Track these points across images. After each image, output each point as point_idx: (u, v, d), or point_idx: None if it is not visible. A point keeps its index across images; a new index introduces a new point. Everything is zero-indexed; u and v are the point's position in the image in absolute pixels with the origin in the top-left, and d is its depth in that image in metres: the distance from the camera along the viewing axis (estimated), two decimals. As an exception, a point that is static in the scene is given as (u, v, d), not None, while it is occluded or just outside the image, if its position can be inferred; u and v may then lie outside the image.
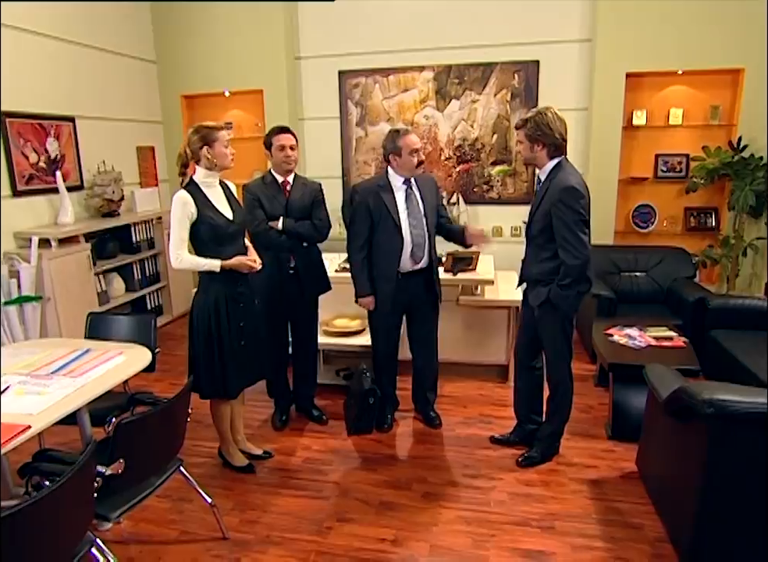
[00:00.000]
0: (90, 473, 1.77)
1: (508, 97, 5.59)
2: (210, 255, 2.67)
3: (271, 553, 2.40)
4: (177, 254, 2.62)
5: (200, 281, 2.77)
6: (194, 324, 2.76)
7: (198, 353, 2.76)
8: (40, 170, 4.48)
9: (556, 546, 2.39)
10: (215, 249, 2.67)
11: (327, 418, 3.55)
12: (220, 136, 2.64)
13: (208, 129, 2.64)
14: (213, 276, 2.68)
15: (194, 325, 2.76)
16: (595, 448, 3.16)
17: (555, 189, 2.64)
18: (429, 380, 3.52)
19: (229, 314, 2.73)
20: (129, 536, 2.54)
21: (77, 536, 1.78)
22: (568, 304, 2.71)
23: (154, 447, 2.11)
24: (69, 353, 2.66)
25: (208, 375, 2.75)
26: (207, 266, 2.65)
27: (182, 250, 2.62)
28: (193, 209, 2.60)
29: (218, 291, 2.71)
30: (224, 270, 2.66)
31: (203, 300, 2.73)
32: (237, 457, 3.04)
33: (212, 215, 2.66)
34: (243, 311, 2.79)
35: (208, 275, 2.70)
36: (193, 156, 2.67)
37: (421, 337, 3.42)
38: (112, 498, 2.06)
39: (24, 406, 2.15)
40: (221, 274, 2.67)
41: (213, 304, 2.70)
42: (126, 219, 5.04)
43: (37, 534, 1.55)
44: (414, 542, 2.44)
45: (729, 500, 2.05)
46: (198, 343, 2.75)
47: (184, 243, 2.62)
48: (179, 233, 2.61)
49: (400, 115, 5.88)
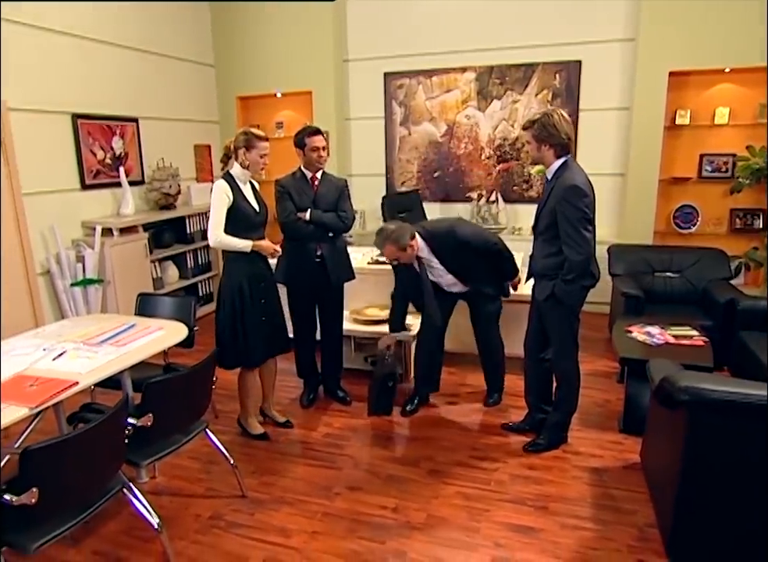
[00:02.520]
0: (121, 421, 2.08)
1: (549, 97, 5.66)
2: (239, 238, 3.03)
3: (282, 511, 2.66)
4: (216, 234, 2.98)
5: (225, 264, 3.13)
6: (221, 302, 3.12)
7: (224, 327, 3.11)
8: (106, 166, 4.95)
9: (546, 524, 2.53)
10: (243, 234, 3.03)
11: (351, 400, 3.78)
12: (259, 146, 3.02)
13: (252, 136, 3.02)
14: (237, 259, 3.03)
15: (221, 302, 3.12)
16: (603, 439, 3.25)
17: (560, 187, 2.76)
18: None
19: (252, 292, 3.08)
20: (162, 489, 2.86)
21: (109, 474, 2.10)
22: (572, 298, 2.83)
23: (179, 407, 2.41)
24: (116, 327, 3.02)
25: (232, 347, 3.10)
26: (241, 246, 3.01)
27: (219, 230, 2.98)
28: (230, 196, 2.98)
29: (242, 273, 3.05)
30: (248, 253, 3.00)
31: (228, 280, 3.08)
32: (254, 426, 3.38)
33: (244, 204, 3.05)
34: (264, 289, 3.14)
35: (233, 259, 3.04)
36: (234, 152, 3.03)
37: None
38: (142, 449, 2.37)
39: (75, 367, 2.50)
40: (244, 257, 3.02)
41: (237, 283, 3.05)
42: (181, 212, 5.46)
43: (74, 463, 1.86)
44: (413, 512, 2.64)
45: (706, 485, 2.14)
46: (224, 318, 3.10)
47: (221, 225, 2.98)
48: (218, 216, 2.98)
49: (442, 115, 6.05)
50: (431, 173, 6.26)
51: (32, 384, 2.32)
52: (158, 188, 5.28)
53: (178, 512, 2.68)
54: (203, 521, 2.62)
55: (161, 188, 5.27)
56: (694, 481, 2.15)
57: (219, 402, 3.73)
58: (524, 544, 2.41)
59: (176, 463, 3.08)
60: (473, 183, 6.11)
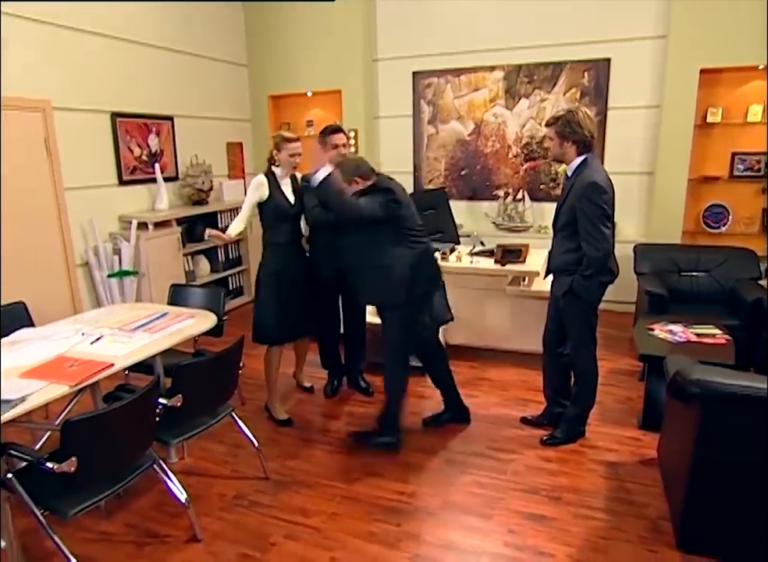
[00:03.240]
0: (152, 400, 2.22)
1: (577, 95, 5.66)
2: (271, 228, 3.39)
3: (303, 493, 2.78)
4: (234, 225, 3.31)
5: (263, 251, 3.47)
6: (259, 284, 3.45)
7: (260, 306, 3.43)
8: (142, 162, 5.15)
9: (558, 514, 2.58)
10: (276, 223, 3.36)
11: (373, 391, 3.88)
12: (288, 147, 3.33)
13: (281, 139, 3.36)
14: (274, 250, 3.41)
15: (259, 285, 3.45)
16: (621, 435, 3.27)
17: (579, 184, 2.81)
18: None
19: (285, 279, 3.37)
20: (190, 470, 3.01)
21: (141, 449, 2.24)
22: (590, 294, 2.87)
23: (207, 389, 2.54)
24: (150, 315, 3.18)
25: (267, 324, 3.40)
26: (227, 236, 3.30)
27: (238, 223, 3.32)
28: (265, 190, 3.31)
29: (278, 261, 3.40)
30: (281, 242, 3.39)
31: (265, 266, 3.44)
32: (279, 412, 3.56)
33: (279, 197, 3.35)
34: (294, 278, 3.39)
35: (270, 246, 3.44)
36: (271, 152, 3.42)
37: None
38: (172, 428, 2.51)
39: (111, 350, 2.65)
40: (279, 245, 3.40)
41: (273, 269, 3.39)
42: (213, 207, 5.64)
43: (109, 436, 2.01)
44: (429, 497, 2.72)
45: (717, 477, 2.17)
46: (261, 298, 3.43)
47: (241, 219, 3.34)
48: (245, 210, 3.34)
49: (470, 114, 6.10)
50: (458, 171, 6.32)
51: (72, 365, 2.48)
52: (191, 184, 5.46)
53: (204, 491, 2.82)
54: (227, 499, 2.75)
55: (194, 184, 5.46)
56: (705, 473, 2.19)
57: (246, 390, 3.87)
58: (536, 531, 2.47)
59: (203, 446, 3.23)
60: (500, 181, 6.14)
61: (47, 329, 3.04)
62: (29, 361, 2.55)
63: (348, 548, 2.39)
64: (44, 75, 4.25)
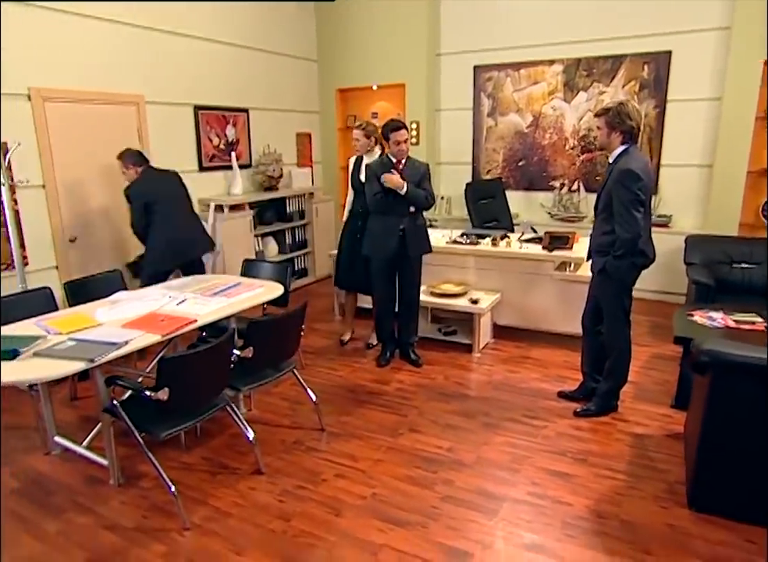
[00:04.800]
0: (228, 348, 2.64)
1: (636, 88, 5.73)
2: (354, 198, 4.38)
3: (353, 443, 3.15)
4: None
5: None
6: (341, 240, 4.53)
7: (339, 258, 4.52)
8: (220, 151, 5.67)
9: (581, 472, 2.83)
10: (355, 195, 4.33)
11: (422, 363, 4.21)
12: (352, 134, 4.19)
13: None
14: (350, 215, 4.45)
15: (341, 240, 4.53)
16: (653, 412, 3.46)
17: (617, 171, 3.02)
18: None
19: (353, 241, 4.28)
20: (256, 419, 3.43)
21: (218, 388, 2.67)
22: (620, 273, 3.08)
23: (274, 344, 2.96)
24: (225, 284, 3.64)
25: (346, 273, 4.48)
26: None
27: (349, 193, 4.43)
28: (351, 167, 4.32)
29: (352, 226, 4.37)
30: (352, 213, 4.39)
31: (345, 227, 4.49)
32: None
33: (357, 174, 4.22)
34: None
35: (349, 215, 4.47)
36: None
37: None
38: (243, 377, 2.93)
39: (194, 310, 3.11)
40: (350, 217, 4.44)
41: (355, 230, 4.33)
42: (283, 193, 6.11)
43: (194, 373, 2.44)
44: (464, 453, 3.03)
45: (725, 440, 2.36)
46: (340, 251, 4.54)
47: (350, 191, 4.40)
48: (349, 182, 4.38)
49: (529, 106, 6.28)
50: (515, 162, 6.51)
51: (162, 320, 2.95)
52: (263, 171, 5.94)
53: (267, 436, 3.23)
54: (287, 444, 3.16)
55: (266, 171, 5.93)
56: (714, 436, 2.39)
57: (305, 358, 4.29)
58: (558, 485, 2.73)
59: (268, 401, 3.66)
60: (556, 173, 6.29)
61: (139, 292, 3.54)
62: (127, 316, 3.04)
63: (388, 486, 2.74)
64: (138, 73, 4.80)
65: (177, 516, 2.53)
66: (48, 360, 2.45)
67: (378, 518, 2.52)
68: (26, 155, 4.06)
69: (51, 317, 3.06)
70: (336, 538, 2.40)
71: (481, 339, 4.47)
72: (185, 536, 2.43)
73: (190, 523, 2.50)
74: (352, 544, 2.36)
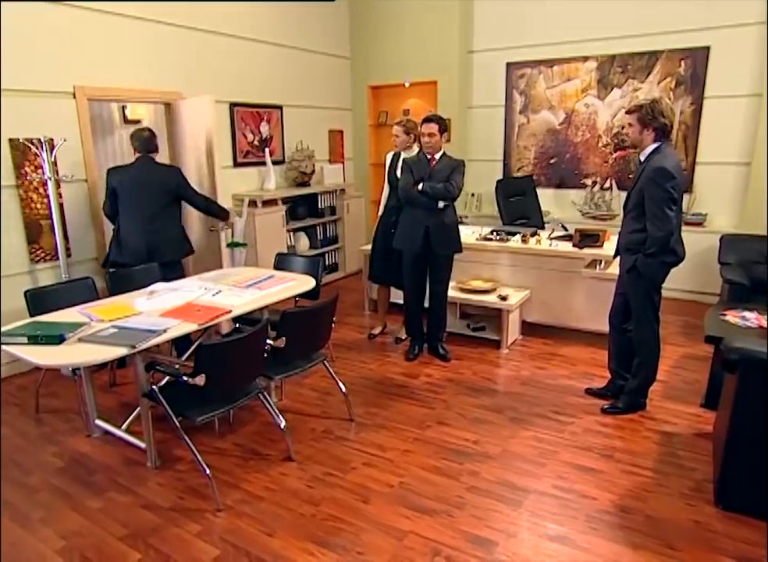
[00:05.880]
0: (262, 337, 2.72)
1: (672, 84, 5.66)
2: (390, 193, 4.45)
3: (382, 434, 3.21)
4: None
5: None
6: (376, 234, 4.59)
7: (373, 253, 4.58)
8: (254, 147, 5.79)
9: (607, 468, 2.85)
10: (391, 191, 4.41)
11: (450, 358, 4.25)
12: (393, 130, 4.31)
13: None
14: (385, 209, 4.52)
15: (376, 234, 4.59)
16: (682, 411, 3.44)
17: (649, 169, 3.01)
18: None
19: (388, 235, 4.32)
20: (287, 408, 3.53)
21: (252, 376, 2.77)
22: (652, 271, 3.07)
23: (306, 335, 3.04)
24: (259, 276, 3.74)
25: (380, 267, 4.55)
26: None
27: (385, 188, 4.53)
28: (389, 163, 4.42)
29: (386, 221, 4.44)
30: (386, 206, 4.51)
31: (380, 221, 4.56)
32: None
33: (394, 170, 4.32)
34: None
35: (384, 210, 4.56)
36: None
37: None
38: (276, 367, 3.02)
39: (229, 301, 3.21)
40: (384, 213, 4.52)
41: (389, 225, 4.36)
42: (315, 189, 6.20)
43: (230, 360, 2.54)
44: (491, 446, 3.07)
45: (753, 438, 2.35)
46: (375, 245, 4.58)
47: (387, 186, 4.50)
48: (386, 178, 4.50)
49: (561, 104, 6.25)
50: (547, 160, 6.49)
51: (198, 310, 3.05)
52: (296, 167, 6.05)
53: (298, 425, 3.32)
54: (317, 433, 3.24)
55: (298, 167, 6.04)
56: (742, 434, 2.38)
57: (336, 351, 4.37)
58: (584, 480, 2.75)
59: (298, 391, 3.76)
60: (588, 170, 6.25)
61: (176, 284, 3.66)
62: (165, 305, 3.16)
63: (415, 476, 2.80)
64: (176, 71, 4.94)
65: (211, 498, 2.63)
66: (92, 345, 2.57)
67: (405, 506, 2.58)
68: (71, 151, 4.22)
69: (94, 305, 3.19)
70: (363, 523, 2.47)
71: (510, 335, 4.49)
72: (218, 517, 2.53)
73: (223, 505, 2.60)
74: (379, 529, 2.43)
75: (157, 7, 4.70)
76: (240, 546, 2.35)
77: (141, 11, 4.59)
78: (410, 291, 4.24)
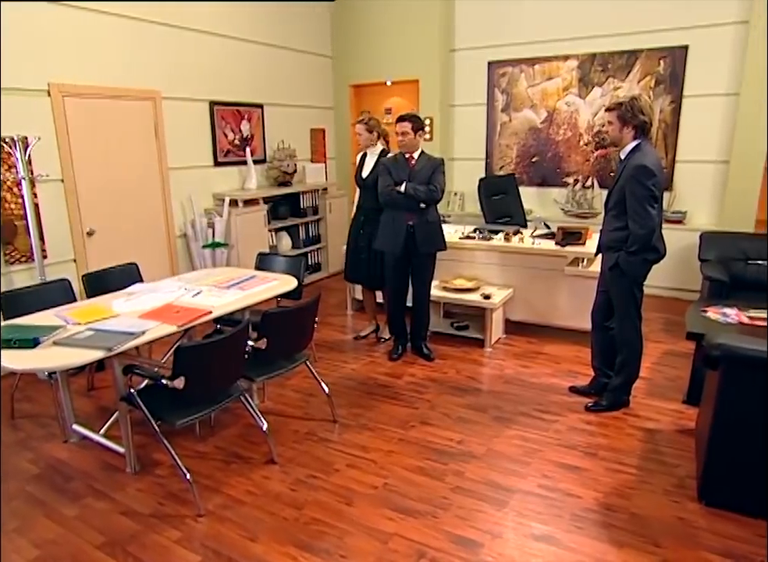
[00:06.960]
0: (243, 338, 2.68)
1: (652, 83, 5.70)
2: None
3: (365, 435, 3.18)
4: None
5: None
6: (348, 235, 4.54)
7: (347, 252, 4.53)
8: (235, 146, 5.72)
9: (591, 466, 2.85)
10: (360, 191, 4.39)
11: (434, 357, 4.23)
12: (355, 128, 4.29)
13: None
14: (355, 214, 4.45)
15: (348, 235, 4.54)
16: (665, 408, 3.45)
17: (630, 167, 3.01)
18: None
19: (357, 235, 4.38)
20: (269, 410, 3.48)
21: (233, 378, 2.72)
22: (634, 269, 3.08)
23: (288, 336, 2.99)
24: (240, 277, 3.69)
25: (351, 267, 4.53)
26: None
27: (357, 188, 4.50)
28: (357, 164, 4.36)
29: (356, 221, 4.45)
30: (358, 208, 4.42)
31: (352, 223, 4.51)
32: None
33: (360, 170, 4.28)
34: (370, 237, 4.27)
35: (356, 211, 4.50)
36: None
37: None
38: (257, 368, 2.97)
39: (209, 302, 3.16)
40: (357, 213, 4.45)
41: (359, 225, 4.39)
42: (297, 188, 6.15)
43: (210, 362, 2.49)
44: (475, 445, 3.05)
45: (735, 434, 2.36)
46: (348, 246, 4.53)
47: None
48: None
49: (543, 102, 6.27)
50: (529, 158, 6.50)
51: (177, 311, 3.00)
52: (277, 167, 5.99)
53: (280, 427, 3.28)
54: (300, 435, 3.20)
55: (280, 166, 5.98)
56: (725, 430, 2.39)
57: (318, 351, 4.33)
58: (569, 478, 2.75)
59: (281, 393, 3.71)
60: (570, 169, 6.28)
61: (155, 285, 3.60)
62: (143, 307, 3.10)
63: (399, 477, 2.77)
64: (154, 70, 4.86)
65: (192, 503, 2.58)
66: (67, 348, 2.51)
67: (389, 508, 2.55)
68: (46, 150, 4.13)
69: (70, 308, 3.12)
70: (347, 526, 2.44)
71: (493, 334, 4.49)
72: (199, 522, 2.48)
73: (204, 510, 2.55)
74: (363, 532, 2.39)
75: (136, 5, 4.61)
76: (221, 552, 2.30)
77: (120, 9, 4.51)
78: (393, 290, 4.21)
